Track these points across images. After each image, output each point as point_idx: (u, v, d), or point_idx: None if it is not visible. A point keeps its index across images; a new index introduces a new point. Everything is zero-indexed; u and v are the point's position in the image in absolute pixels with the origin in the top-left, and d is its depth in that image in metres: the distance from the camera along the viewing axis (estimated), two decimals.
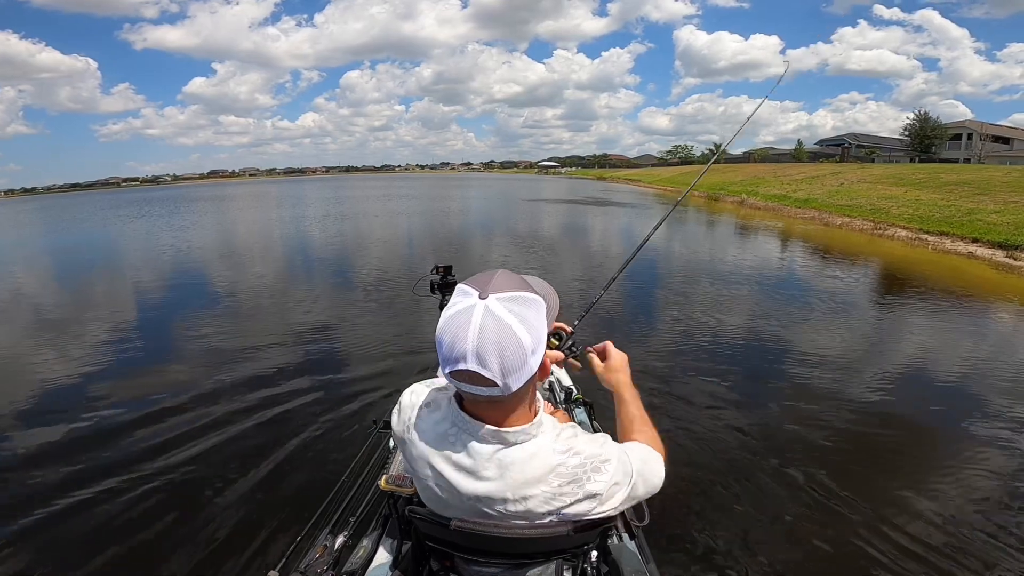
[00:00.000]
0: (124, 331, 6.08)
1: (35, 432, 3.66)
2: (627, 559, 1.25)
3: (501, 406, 0.83)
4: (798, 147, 48.54)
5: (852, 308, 6.07)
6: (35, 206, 55.29)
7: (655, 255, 9.39)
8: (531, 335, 0.77)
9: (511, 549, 0.91)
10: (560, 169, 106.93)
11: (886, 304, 6.48)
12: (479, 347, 0.74)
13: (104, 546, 2.43)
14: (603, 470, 0.85)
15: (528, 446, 0.84)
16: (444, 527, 0.89)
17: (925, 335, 5.17)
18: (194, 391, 4.16)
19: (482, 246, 11.48)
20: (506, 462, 0.83)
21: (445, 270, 2.14)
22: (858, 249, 10.46)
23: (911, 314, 5.91)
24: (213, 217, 23.40)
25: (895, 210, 13.29)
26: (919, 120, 38.14)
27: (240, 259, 11.20)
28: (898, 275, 8.13)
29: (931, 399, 3.74)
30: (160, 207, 33.17)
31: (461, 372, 0.76)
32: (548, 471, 0.83)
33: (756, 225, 14.93)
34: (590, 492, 0.84)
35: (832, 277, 7.80)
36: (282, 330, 5.79)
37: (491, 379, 0.75)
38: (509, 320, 0.75)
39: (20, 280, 9.97)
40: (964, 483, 2.73)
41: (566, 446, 0.86)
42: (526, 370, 0.77)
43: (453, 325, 0.76)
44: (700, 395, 3.73)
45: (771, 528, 2.39)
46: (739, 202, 21.24)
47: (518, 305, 0.77)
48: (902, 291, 6.99)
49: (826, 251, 10.38)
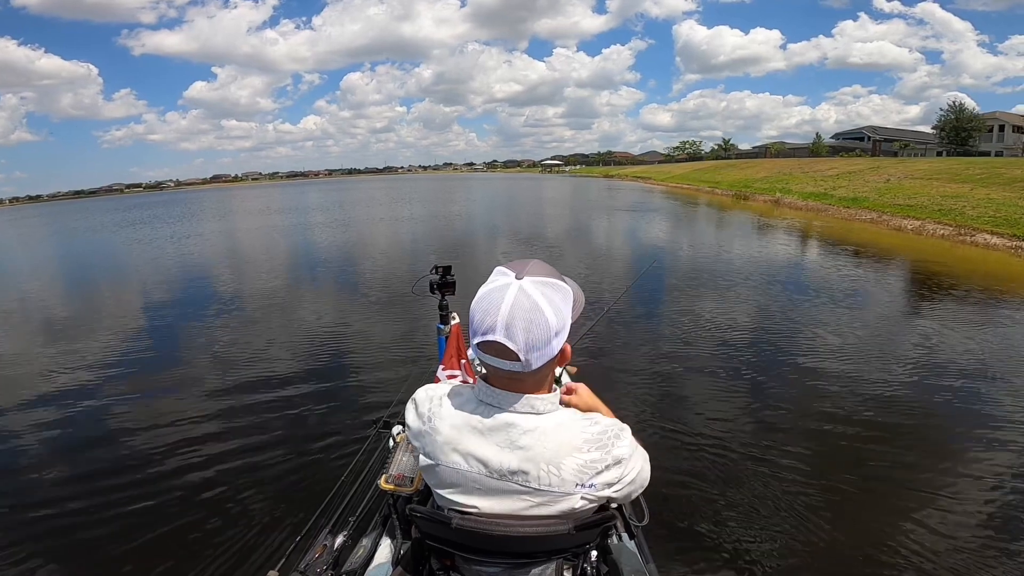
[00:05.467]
0: (125, 333, 6.12)
1: (32, 432, 3.70)
2: (627, 559, 1.25)
3: (522, 382, 0.86)
4: (816, 141, 46.73)
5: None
6: (41, 212, 56.07)
7: (722, 268, 7.97)
8: (557, 318, 0.82)
9: (512, 548, 0.91)
10: (564, 167, 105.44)
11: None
12: (509, 321, 0.80)
13: (104, 546, 2.45)
14: (622, 436, 0.89)
15: (556, 415, 0.88)
16: (446, 526, 0.89)
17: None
18: (194, 392, 4.20)
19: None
20: (538, 431, 0.85)
21: (444, 270, 2.11)
22: (970, 265, 8.40)
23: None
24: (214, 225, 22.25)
25: (969, 211, 11.79)
26: (953, 111, 35.50)
27: (239, 266, 11.02)
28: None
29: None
30: (168, 209, 32.76)
31: (489, 343, 0.81)
32: (578, 437, 0.86)
33: (809, 230, 13.24)
34: (617, 457, 0.86)
35: (1003, 322, 5.42)
36: (281, 331, 5.77)
37: (515, 352, 0.80)
38: (540, 301, 0.81)
39: (48, 290, 10.00)
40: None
41: (587, 417, 0.91)
42: (548, 350, 0.82)
43: (488, 299, 0.82)
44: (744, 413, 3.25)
45: (771, 528, 2.36)
46: (774, 201, 19.71)
47: (549, 289, 0.84)
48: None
49: (933, 271, 7.88)
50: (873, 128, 51.80)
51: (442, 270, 2.19)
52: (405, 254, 11.45)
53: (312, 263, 10.68)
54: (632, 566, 1.23)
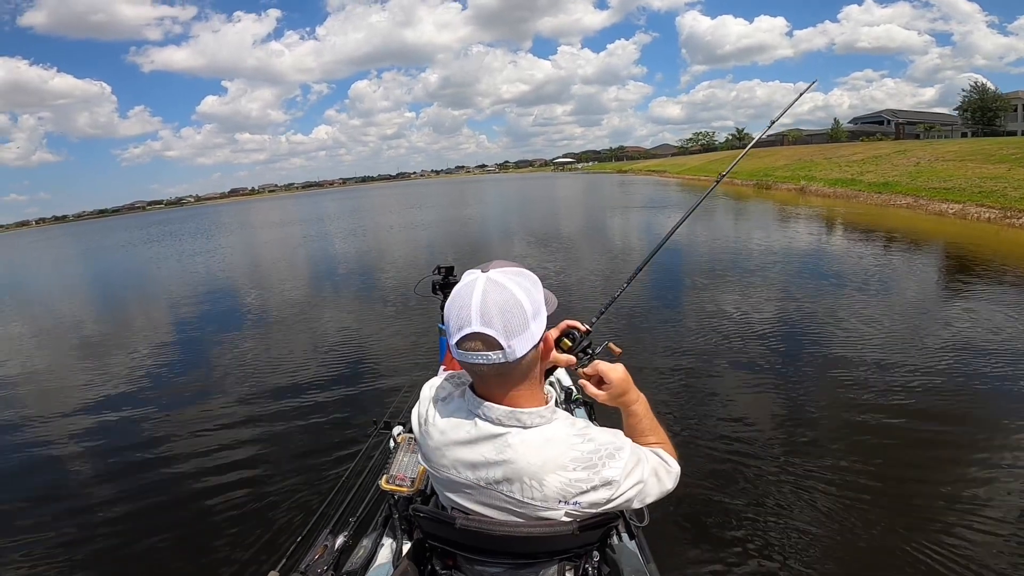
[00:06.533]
0: (151, 343, 6.32)
1: (30, 435, 3.80)
2: (627, 559, 1.24)
3: (510, 378, 0.83)
4: (835, 127, 45.49)
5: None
6: (67, 232, 58.02)
7: (765, 261, 7.60)
8: (530, 299, 0.80)
9: (515, 549, 0.89)
10: (576, 165, 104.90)
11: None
12: (483, 309, 0.77)
13: (105, 545, 2.47)
14: (618, 457, 0.84)
15: (545, 429, 0.84)
16: (449, 526, 0.88)
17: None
18: (193, 392, 4.23)
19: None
20: (523, 445, 0.82)
21: (447, 271, 2.09)
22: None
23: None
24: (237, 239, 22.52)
25: (1012, 192, 11.16)
26: (977, 92, 34.59)
27: (256, 276, 11.24)
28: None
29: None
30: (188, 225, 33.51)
31: (468, 337, 0.78)
32: (564, 455, 0.82)
33: (844, 218, 12.66)
34: (606, 479, 0.83)
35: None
36: (283, 335, 5.85)
37: (496, 339, 0.77)
38: (510, 285, 0.79)
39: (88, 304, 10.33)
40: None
41: (581, 433, 0.85)
42: (528, 335, 0.79)
43: (459, 296, 0.81)
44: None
45: (771, 528, 2.30)
46: (798, 189, 19.11)
47: (517, 276, 0.82)
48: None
49: (985, 257, 7.32)
50: (893, 112, 50.30)
51: (444, 270, 2.18)
52: (417, 259, 11.24)
53: (324, 272, 10.76)
54: (633, 566, 1.23)
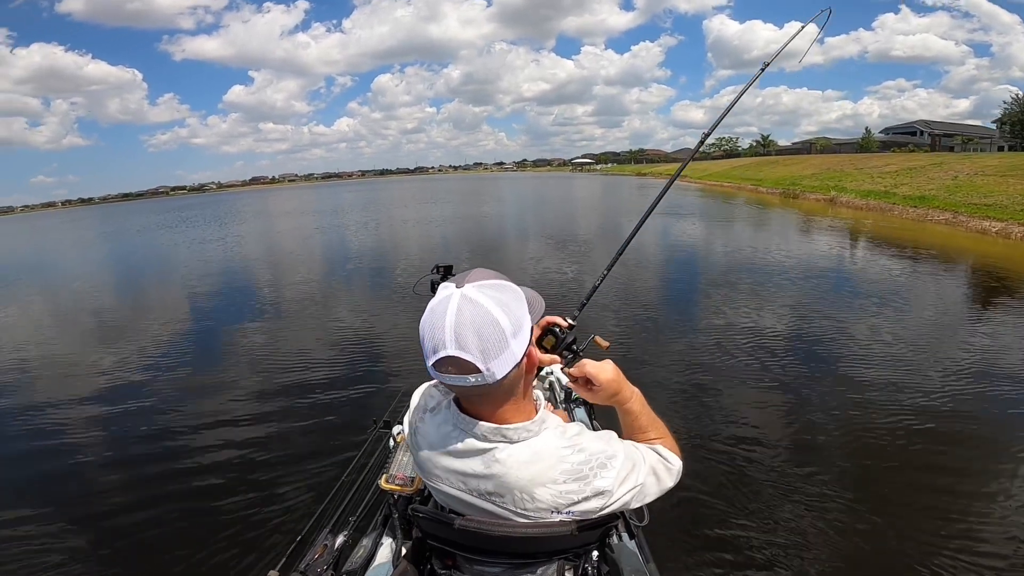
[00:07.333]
0: (127, 332, 6.33)
1: (27, 433, 3.75)
2: (627, 559, 1.23)
3: (493, 398, 0.81)
4: (866, 136, 44.27)
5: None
6: (93, 214, 59.42)
7: (802, 278, 7.21)
8: (509, 317, 0.75)
9: (514, 548, 0.89)
10: (595, 166, 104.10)
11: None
12: (457, 331, 0.73)
13: (105, 545, 2.46)
14: (609, 466, 0.83)
15: (532, 443, 0.82)
16: (448, 526, 0.87)
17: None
18: (191, 389, 4.25)
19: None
20: (510, 461, 0.81)
21: (446, 269, 2.05)
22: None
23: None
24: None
25: None
26: (1018, 104, 33.31)
27: (268, 266, 11.25)
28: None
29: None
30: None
31: (443, 360, 0.75)
32: (554, 468, 0.81)
33: (879, 233, 12.01)
34: (598, 489, 0.82)
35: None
36: (282, 330, 5.85)
37: (472, 363, 0.73)
38: (486, 303, 0.75)
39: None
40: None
41: (571, 443, 0.83)
42: (508, 355, 0.75)
43: (432, 315, 0.76)
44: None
45: (771, 528, 2.31)
46: (828, 200, 18.47)
47: (494, 291, 0.77)
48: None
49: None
50: (926, 123, 48.82)
51: (443, 269, 2.13)
52: (428, 257, 10.99)
53: (331, 268, 10.70)
54: (632, 566, 1.22)
